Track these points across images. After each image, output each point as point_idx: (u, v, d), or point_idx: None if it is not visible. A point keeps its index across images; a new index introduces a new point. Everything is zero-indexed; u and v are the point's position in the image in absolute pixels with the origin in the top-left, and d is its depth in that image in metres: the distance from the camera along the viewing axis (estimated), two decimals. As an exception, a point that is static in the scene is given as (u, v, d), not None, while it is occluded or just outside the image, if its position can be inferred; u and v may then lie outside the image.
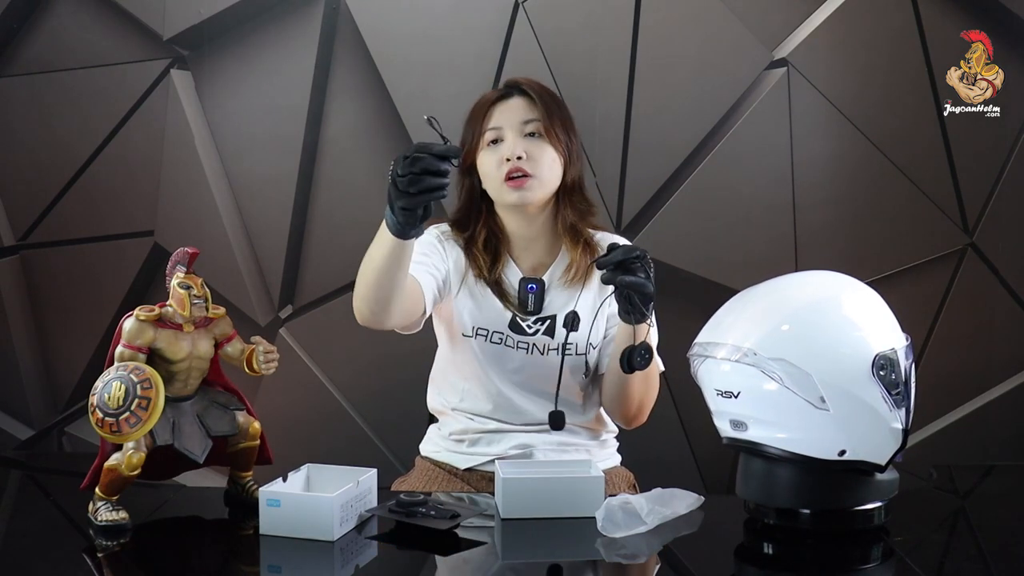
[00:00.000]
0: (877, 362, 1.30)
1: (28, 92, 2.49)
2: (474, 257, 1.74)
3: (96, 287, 2.52)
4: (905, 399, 1.32)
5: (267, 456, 1.49)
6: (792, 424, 1.32)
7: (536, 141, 1.70)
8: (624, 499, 1.37)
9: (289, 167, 2.46)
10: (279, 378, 1.65)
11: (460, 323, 1.74)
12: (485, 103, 1.74)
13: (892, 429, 1.32)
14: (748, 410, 1.34)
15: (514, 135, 1.69)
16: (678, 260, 2.45)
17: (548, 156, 1.69)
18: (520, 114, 1.71)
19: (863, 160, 2.45)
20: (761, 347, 1.33)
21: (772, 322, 1.35)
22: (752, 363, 1.33)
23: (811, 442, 1.32)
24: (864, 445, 1.32)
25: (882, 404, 1.31)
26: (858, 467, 1.32)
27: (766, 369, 1.32)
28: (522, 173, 1.67)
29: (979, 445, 2.51)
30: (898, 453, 1.33)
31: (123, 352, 1.36)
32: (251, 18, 2.44)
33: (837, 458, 1.31)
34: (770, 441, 1.34)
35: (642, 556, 1.30)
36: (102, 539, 1.34)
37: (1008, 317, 2.49)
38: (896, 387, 1.31)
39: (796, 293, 1.40)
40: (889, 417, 1.31)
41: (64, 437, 2.57)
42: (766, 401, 1.32)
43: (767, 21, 2.42)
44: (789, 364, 1.31)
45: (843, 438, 1.31)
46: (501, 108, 1.73)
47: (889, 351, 1.31)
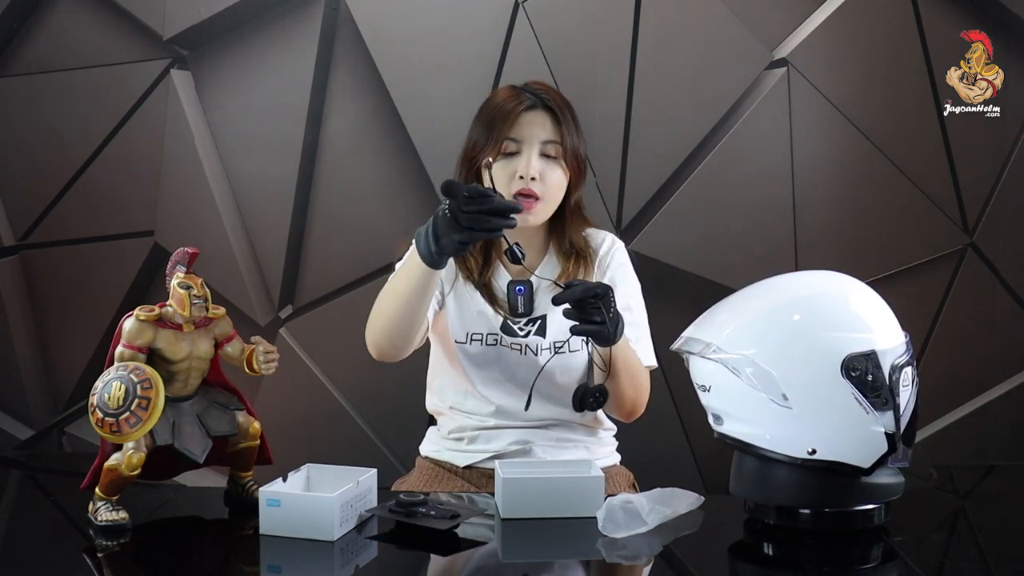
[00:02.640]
0: (848, 363, 1.29)
1: (28, 92, 2.49)
2: (466, 259, 1.74)
3: (96, 287, 2.52)
4: (889, 403, 1.30)
5: (267, 456, 1.49)
6: (758, 420, 1.34)
7: (550, 162, 1.69)
8: (625, 499, 1.37)
9: (289, 167, 2.46)
10: (279, 378, 1.65)
11: (452, 331, 1.74)
12: (511, 110, 1.69)
13: (872, 432, 1.30)
14: (720, 404, 1.37)
15: (533, 153, 1.67)
16: (678, 260, 2.45)
17: (558, 179, 1.70)
18: (542, 132, 1.69)
19: (863, 160, 2.45)
20: (726, 343, 1.35)
21: (742, 319, 1.37)
22: (718, 358, 1.35)
23: (779, 439, 1.33)
24: (837, 446, 1.31)
25: (855, 406, 1.29)
26: (838, 468, 1.31)
27: (730, 364, 1.34)
28: (532, 195, 1.67)
29: (979, 445, 2.51)
30: (888, 457, 1.31)
31: (123, 352, 1.36)
32: (251, 18, 2.44)
33: (808, 457, 1.31)
34: (743, 436, 1.36)
35: (642, 556, 1.31)
36: (102, 539, 1.34)
37: (1008, 317, 2.49)
38: (876, 390, 1.29)
39: (780, 291, 1.40)
40: (867, 420, 1.29)
41: (64, 437, 2.57)
42: (734, 396, 1.35)
43: (767, 21, 2.42)
44: (751, 360, 1.32)
45: (811, 437, 1.31)
46: (526, 120, 1.69)
47: (866, 352, 1.29)
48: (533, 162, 1.67)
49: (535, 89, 1.73)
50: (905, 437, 1.32)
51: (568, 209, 1.75)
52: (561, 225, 1.76)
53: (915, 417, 1.35)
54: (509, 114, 1.69)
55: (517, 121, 1.69)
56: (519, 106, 1.70)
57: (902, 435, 1.32)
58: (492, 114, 1.71)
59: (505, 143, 1.68)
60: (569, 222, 1.76)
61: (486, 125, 1.71)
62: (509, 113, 1.69)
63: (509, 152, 1.69)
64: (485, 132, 1.71)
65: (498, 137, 1.68)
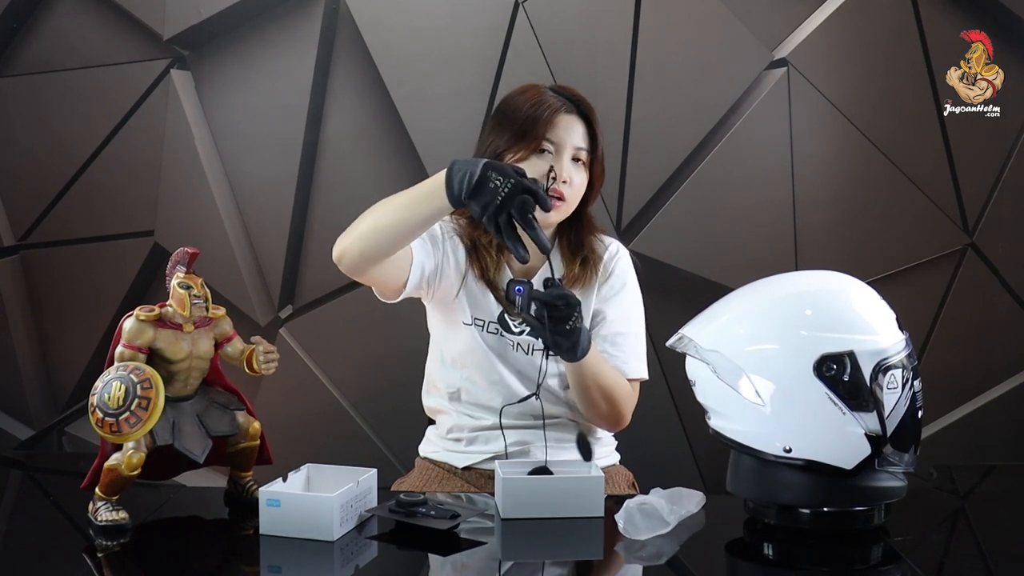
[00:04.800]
0: (822, 363, 1.28)
1: (28, 92, 2.49)
2: (481, 256, 1.74)
3: (96, 287, 2.52)
4: (870, 405, 1.28)
5: (267, 456, 1.49)
6: (736, 416, 1.35)
7: (578, 167, 1.70)
8: (641, 500, 1.38)
9: (289, 167, 2.46)
10: (279, 378, 1.65)
11: (462, 313, 1.74)
12: (550, 111, 1.68)
13: (850, 433, 1.29)
14: (704, 400, 1.39)
15: (566, 156, 1.68)
16: (678, 260, 2.45)
17: (581, 184, 1.71)
18: (578, 139, 1.69)
19: (863, 160, 2.45)
20: (705, 339, 1.37)
21: (724, 316, 1.39)
22: (695, 354, 1.37)
23: (755, 435, 1.33)
24: (812, 445, 1.30)
25: (830, 406, 1.28)
26: (817, 468, 1.30)
27: (707, 359, 1.36)
28: (560, 196, 1.67)
29: (979, 445, 2.51)
30: (876, 459, 1.29)
31: (123, 352, 1.36)
32: (251, 18, 2.44)
33: (784, 455, 1.31)
34: (725, 431, 1.37)
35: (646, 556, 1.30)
36: (102, 539, 1.34)
37: (1008, 317, 2.49)
38: (853, 391, 1.27)
39: (768, 290, 1.40)
40: (843, 421, 1.28)
41: (64, 437, 2.57)
42: (714, 392, 1.36)
43: (767, 21, 2.42)
44: (722, 356, 1.34)
45: (784, 435, 1.31)
46: (565, 123, 1.69)
47: (843, 352, 1.28)
48: (565, 164, 1.68)
49: (568, 95, 1.73)
50: (895, 440, 1.30)
51: (584, 214, 1.76)
52: (571, 229, 1.77)
53: (916, 421, 1.33)
54: (551, 115, 1.68)
55: (555, 123, 1.69)
56: (560, 109, 1.69)
57: (896, 439, 1.29)
58: (533, 110, 1.69)
59: (545, 143, 1.68)
60: (583, 227, 1.77)
61: (521, 124, 1.69)
62: (551, 114, 1.69)
63: (544, 150, 1.69)
64: (519, 131, 1.69)
65: (537, 135, 1.67)
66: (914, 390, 1.32)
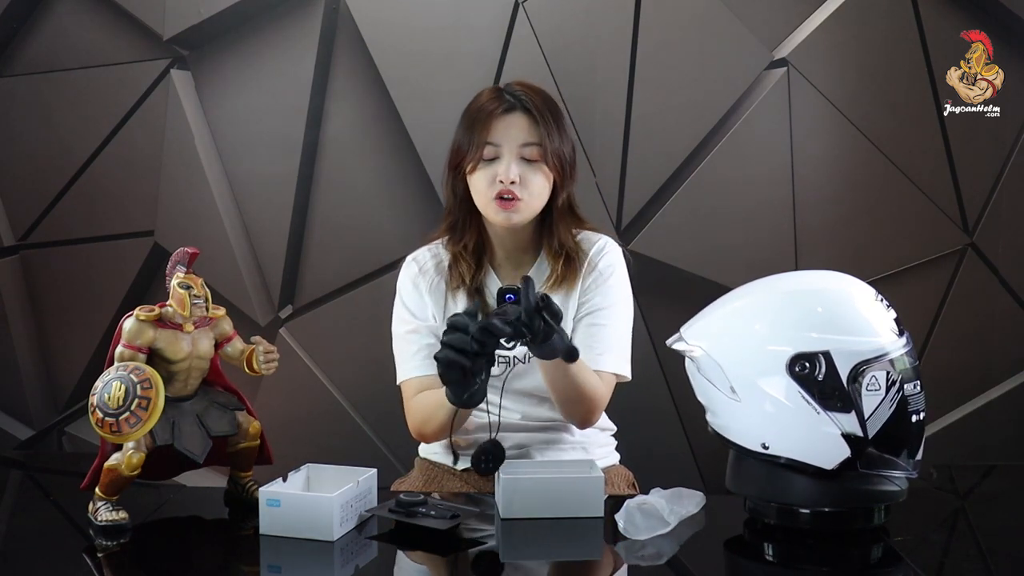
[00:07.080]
0: (795, 361, 1.28)
1: (28, 92, 2.49)
2: (458, 263, 1.73)
3: (96, 287, 2.51)
4: (847, 405, 1.27)
5: (267, 456, 1.49)
6: (720, 411, 1.37)
7: (531, 166, 1.67)
8: (641, 500, 1.38)
9: (289, 167, 2.46)
10: (279, 378, 1.65)
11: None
12: (489, 114, 1.68)
13: (825, 433, 1.28)
14: (698, 395, 1.42)
15: (511, 156, 1.66)
16: (678, 260, 2.44)
17: (539, 181, 1.68)
18: (520, 135, 1.67)
19: (863, 160, 2.45)
20: (691, 336, 1.39)
21: (710, 314, 1.41)
22: (683, 349, 1.40)
23: (735, 431, 1.36)
24: (788, 443, 1.31)
25: (803, 404, 1.28)
26: (797, 467, 1.31)
27: (691, 355, 1.39)
28: (512, 196, 1.66)
29: (979, 445, 2.51)
30: (859, 461, 1.28)
31: (123, 352, 1.36)
32: (251, 18, 2.44)
33: (762, 451, 1.32)
34: (714, 426, 1.40)
35: (646, 556, 1.31)
36: (102, 539, 1.34)
37: (1008, 317, 2.49)
38: (828, 391, 1.27)
39: (759, 289, 1.41)
40: (818, 420, 1.28)
41: (64, 437, 2.57)
42: (700, 388, 1.40)
43: (767, 21, 2.42)
44: (704, 352, 1.36)
45: (760, 432, 1.32)
46: (502, 123, 1.68)
47: (818, 352, 1.27)
48: (512, 167, 1.66)
49: (515, 91, 1.72)
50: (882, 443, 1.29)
51: (556, 210, 1.74)
52: (550, 226, 1.75)
53: (910, 425, 1.31)
54: (488, 118, 1.68)
55: (495, 125, 1.68)
56: (497, 110, 1.69)
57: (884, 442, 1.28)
58: (471, 118, 1.71)
59: (486, 148, 1.67)
60: (557, 223, 1.74)
61: (467, 129, 1.71)
62: (488, 117, 1.68)
63: (489, 157, 1.68)
64: (466, 137, 1.70)
65: (478, 142, 1.67)
66: (904, 392, 1.30)
